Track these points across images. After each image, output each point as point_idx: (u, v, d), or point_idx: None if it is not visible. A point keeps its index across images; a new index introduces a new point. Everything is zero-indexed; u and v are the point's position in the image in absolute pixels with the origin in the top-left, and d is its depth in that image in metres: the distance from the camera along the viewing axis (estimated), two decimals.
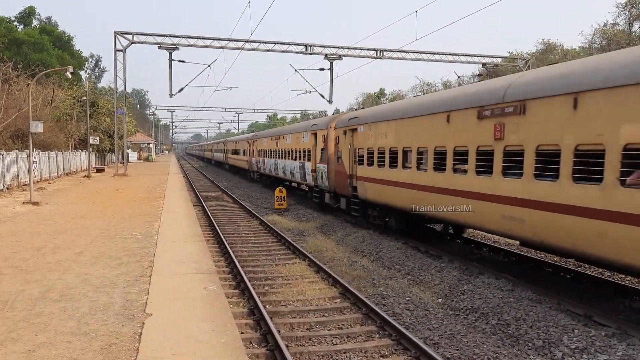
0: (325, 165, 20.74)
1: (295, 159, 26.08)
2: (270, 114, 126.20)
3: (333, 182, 20.26)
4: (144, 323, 6.86)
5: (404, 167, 14.25)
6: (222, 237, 15.16)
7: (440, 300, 10.11)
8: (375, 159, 16.10)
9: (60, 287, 8.55)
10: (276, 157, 30.79)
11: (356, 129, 17.87)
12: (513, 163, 9.84)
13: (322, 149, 21.47)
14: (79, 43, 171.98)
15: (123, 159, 44.87)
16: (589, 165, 8.02)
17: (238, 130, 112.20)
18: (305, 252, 13.56)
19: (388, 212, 16.22)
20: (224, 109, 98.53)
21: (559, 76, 8.95)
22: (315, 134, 22.65)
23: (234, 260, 12.21)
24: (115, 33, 34.12)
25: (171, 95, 35.89)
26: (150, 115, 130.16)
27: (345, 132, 18.91)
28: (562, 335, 7.76)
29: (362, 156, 17.25)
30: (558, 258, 12.56)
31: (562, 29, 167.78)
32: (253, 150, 39.17)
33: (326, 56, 36.59)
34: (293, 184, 30.90)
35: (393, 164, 14.86)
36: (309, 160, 23.52)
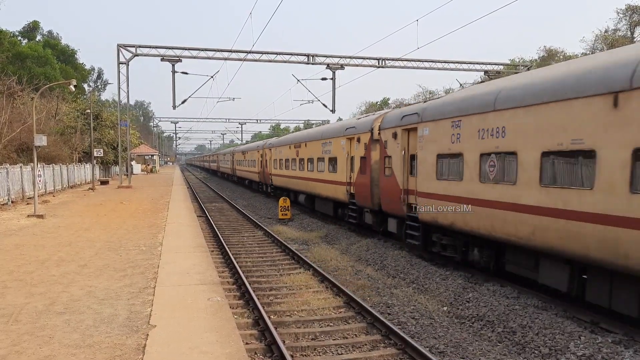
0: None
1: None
2: (273, 124, 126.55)
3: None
4: (148, 335, 6.84)
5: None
6: (226, 248, 15.15)
7: (445, 308, 10.06)
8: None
9: (65, 299, 8.55)
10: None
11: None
12: None
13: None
14: (81, 56, 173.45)
15: (127, 171, 45.00)
16: None
17: (242, 141, 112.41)
18: (310, 262, 13.53)
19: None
20: (227, 120, 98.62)
21: None
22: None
23: (238, 271, 12.20)
24: (119, 46, 34.35)
25: (174, 107, 35.92)
26: (153, 127, 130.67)
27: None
28: (569, 343, 7.71)
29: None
30: None
31: (564, 35, 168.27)
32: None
33: (328, 66, 36.67)
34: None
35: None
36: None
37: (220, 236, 17.44)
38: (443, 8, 50.26)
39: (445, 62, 38.34)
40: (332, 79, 37.41)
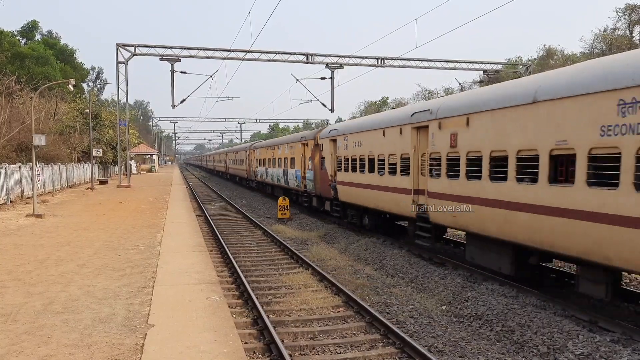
0: None
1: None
2: (272, 124, 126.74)
3: None
4: (146, 334, 6.84)
5: None
6: (225, 247, 15.14)
7: (444, 307, 10.06)
8: None
9: (63, 299, 8.55)
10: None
11: None
12: None
13: None
14: (80, 56, 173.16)
15: (126, 170, 44.97)
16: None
17: (241, 140, 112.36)
18: (309, 261, 13.53)
19: None
20: (226, 119, 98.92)
21: None
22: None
23: (237, 270, 12.20)
24: (118, 45, 34.34)
25: (173, 107, 35.95)
26: (152, 126, 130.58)
27: None
28: (567, 341, 7.71)
29: None
30: (562, 264, 12.51)
31: (564, 35, 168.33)
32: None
33: (327, 65, 36.69)
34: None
35: None
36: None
37: (219, 235, 17.43)
38: (441, 7, 50.33)
39: (444, 61, 38.38)
40: (331, 78, 37.44)
